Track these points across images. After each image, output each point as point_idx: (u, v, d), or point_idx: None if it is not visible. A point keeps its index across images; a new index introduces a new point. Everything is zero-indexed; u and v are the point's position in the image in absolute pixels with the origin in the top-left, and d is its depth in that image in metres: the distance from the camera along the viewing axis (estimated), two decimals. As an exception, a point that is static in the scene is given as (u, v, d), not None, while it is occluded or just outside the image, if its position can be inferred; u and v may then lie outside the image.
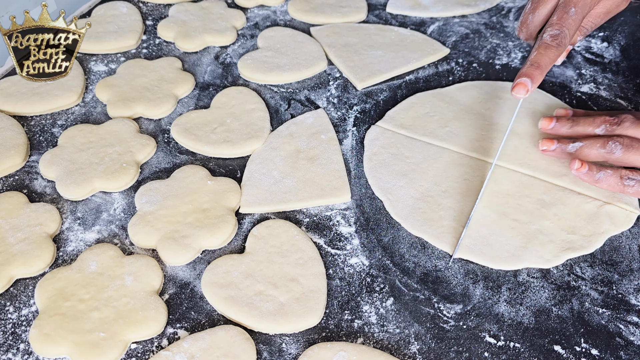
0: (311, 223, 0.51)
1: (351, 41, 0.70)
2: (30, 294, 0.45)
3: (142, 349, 0.42)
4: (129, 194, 0.53)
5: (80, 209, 0.52)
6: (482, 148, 0.56)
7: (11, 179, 0.54)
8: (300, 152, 0.56)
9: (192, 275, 0.47)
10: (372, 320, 0.44)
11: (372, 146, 0.57)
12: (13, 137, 0.56)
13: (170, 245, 0.47)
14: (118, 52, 0.69)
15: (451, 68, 0.67)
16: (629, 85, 0.64)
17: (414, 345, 0.42)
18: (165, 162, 0.56)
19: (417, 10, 0.75)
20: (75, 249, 0.49)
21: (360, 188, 0.54)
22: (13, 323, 0.43)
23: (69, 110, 0.62)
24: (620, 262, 0.47)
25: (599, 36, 0.71)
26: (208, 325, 0.44)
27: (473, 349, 0.42)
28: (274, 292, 0.44)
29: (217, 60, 0.68)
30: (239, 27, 0.73)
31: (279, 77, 0.65)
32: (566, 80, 0.65)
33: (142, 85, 0.63)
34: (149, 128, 0.60)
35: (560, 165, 0.54)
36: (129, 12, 0.74)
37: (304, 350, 0.41)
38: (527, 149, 0.56)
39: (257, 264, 0.46)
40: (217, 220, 0.49)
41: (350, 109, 0.62)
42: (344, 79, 0.66)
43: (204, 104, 0.63)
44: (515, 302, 0.45)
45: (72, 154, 0.55)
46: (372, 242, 0.49)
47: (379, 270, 0.47)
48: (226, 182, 0.53)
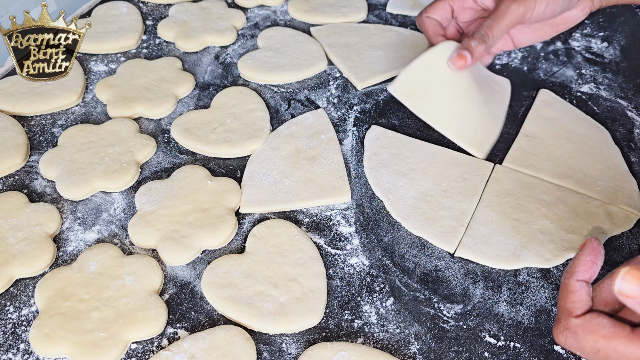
0: (311, 223, 0.51)
1: (351, 41, 0.70)
2: (31, 294, 0.45)
3: (142, 349, 0.42)
4: (129, 194, 0.53)
5: (81, 209, 0.52)
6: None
7: (11, 179, 0.54)
8: (300, 152, 0.56)
9: (192, 275, 0.47)
10: (372, 320, 0.44)
11: (372, 146, 0.57)
12: (13, 137, 0.56)
13: (171, 245, 0.47)
14: (118, 52, 0.69)
15: (451, 68, 0.67)
16: (629, 85, 0.64)
17: (414, 345, 0.42)
18: (165, 162, 0.56)
19: (417, 10, 0.75)
20: (75, 249, 0.49)
21: (360, 188, 0.54)
22: (13, 323, 0.43)
23: (69, 110, 0.62)
24: (620, 262, 0.47)
25: (599, 36, 0.71)
26: (208, 325, 0.44)
27: (473, 349, 0.42)
28: (274, 292, 0.44)
29: (217, 60, 0.68)
30: (239, 27, 0.73)
31: (279, 77, 0.65)
32: (566, 80, 0.65)
33: (142, 85, 0.63)
34: (149, 128, 0.60)
35: (566, 167, 0.54)
36: (129, 12, 0.74)
37: (304, 350, 0.41)
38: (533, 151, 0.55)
39: (257, 264, 0.46)
40: (217, 220, 0.49)
41: (350, 109, 0.62)
42: (344, 79, 0.66)
43: (204, 104, 0.63)
44: (516, 302, 0.45)
45: (72, 154, 0.55)
46: (372, 242, 0.49)
47: (379, 270, 0.47)
48: (226, 182, 0.53)
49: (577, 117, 0.59)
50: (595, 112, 0.61)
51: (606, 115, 0.60)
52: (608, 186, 0.52)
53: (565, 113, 0.60)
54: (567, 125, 0.58)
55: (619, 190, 0.52)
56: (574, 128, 0.58)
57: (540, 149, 0.56)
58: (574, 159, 0.55)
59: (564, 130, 0.58)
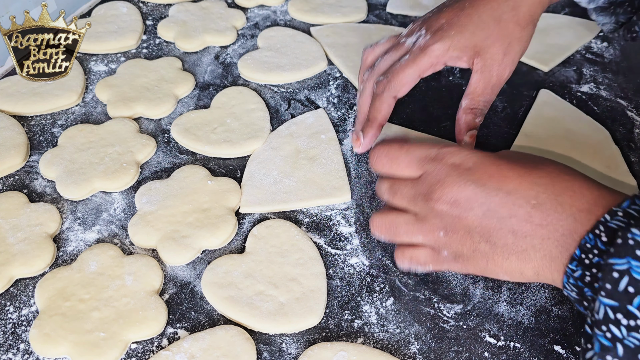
0: (311, 223, 0.51)
1: (351, 41, 0.70)
2: (31, 293, 0.45)
3: (142, 349, 0.42)
4: (129, 194, 0.53)
5: (81, 209, 0.52)
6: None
7: (11, 179, 0.54)
8: (300, 152, 0.56)
9: (192, 275, 0.47)
10: (372, 320, 0.44)
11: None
12: (13, 137, 0.56)
13: (171, 245, 0.47)
14: (118, 52, 0.69)
15: (451, 68, 0.67)
16: (629, 85, 0.64)
17: (414, 345, 0.42)
18: (165, 162, 0.56)
19: (417, 10, 0.75)
20: (75, 249, 0.49)
21: (360, 188, 0.54)
22: (13, 323, 0.43)
23: (69, 110, 0.61)
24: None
25: (599, 36, 0.71)
26: (208, 325, 0.44)
27: (473, 349, 0.42)
28: (274, 292, 0.44)
29: (217, 60, 0.68)
30: (239, 27, 0.73)
31: (279, 77, 0.65)
32: (566, 80, 0.65)
33: (142, 85, 0.63)
34: (149, 128, 0.60)
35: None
36: (129, 12, 0.74)
37: (304, 350, 0.41)
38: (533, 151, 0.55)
39: (257, 264, 0.46)
40: (217, 220, 0.49)
41: (350, 109, 0.62)
42: (344, 79, 0.66)
43: (204, 104, 0.63)
44: (515, 302, 0.45)
45: (72, 154, 0.55)
46: (372, 242, 0.49)
47: (379, 270, 0.47)
48: (226, 182, 0.53)
49: (577, 117, 0.59)
50: (595, 112, 0.61)
51: (606, 115, 0.60)
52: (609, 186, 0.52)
53: (565, 113, 0.60)
54: (567, 125, 0.58)
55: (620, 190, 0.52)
56: (574, 128, 0.58)
57: (540, 149, 0.56)
58: (574, 158, 0.55)
59: (564, 130, 0.58)
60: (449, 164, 0.38)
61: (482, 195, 0.36)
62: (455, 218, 0.37)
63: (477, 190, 0.36)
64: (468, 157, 0.38)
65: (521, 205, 0.35)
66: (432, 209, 0.38)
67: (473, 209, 0.36)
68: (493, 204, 0.36)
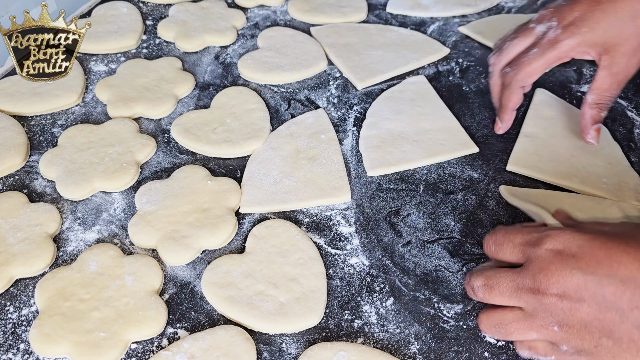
0: (311, 223, 0.51)
1: (351, 41, 0.70)
2: (31, 293, 0.45)
3: (142, 349, 0.42)
4: (129, 194, 0.53)
5: (81, 209, 0.52)
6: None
7: (11, 179, 0.54)
8: (300, 152, 0.56)
9: (192, 275, 0.47)
10: (372, 320, 0.44)
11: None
12: (13, 137, 0.56)
13: (171, 245, 0.47)
14: (118, 52, 0.69)
15: (451, 68, 0.67)
16: (629, 85, 0.64)
17: (414, 345, 0.42)
18: (165, 162, 0.56)
19: (417, 10, 0.75)
20: (75, 249, 0.49)
21: (360, 188, 0.54)
22: (13, 323, 0.43)
23: (69, 110, 0.62)
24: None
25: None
26: (208, 325, 0.44)
27: (473, 349, 0.42)
28: (274, 292, 0.44)
29: (217, 60, 0.68)
30: (239, 27, 0.73)
31: (279, 77, 0.65)
32: (566, 80, 0.65)
33: (142, 85, 0.63)
34: (149, 128, 0.60)
35: (569, 166, 0.54)
36: (129, 12, 0.74)
37: (304, 350, 0.41)
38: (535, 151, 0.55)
39: (257, 264, 0.46)
40: (217, 220, 0.49)
41: (350, 109, 0.62)
42: (344, 79, 0.66)
43: (204, 104, 0.63)
44: (516, 302, 0.45)
45: (72, 154, 0.55)
46: (372, 242, 0.49)
47: (379, 270, 0.47)
48: (226, 182, 0.53)
49: (575, 116, 0.59)
50: (595, 112, 0.61)
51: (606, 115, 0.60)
52: (613, 183, 0.52)
53: (563, 112, 0.60)
54: (567, 124, 0.58)
55: (624, 185, 0.52)
56: (573, 127, 0.58)
57: (542, 149, 0.56)
58: (576, 157, 0.55)
59: (564, 130, 0.58)
60: (550, 249, 0.36)
61: (592, 285, 0.33)
62: (567, 311, 0.34)
63: (586, 279, 0.34)
64: (571, 240, 0.35)
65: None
66: (541, 303, 0.35)
67: (585, 301, 0.34)
68: (608, 294, 0.33)
